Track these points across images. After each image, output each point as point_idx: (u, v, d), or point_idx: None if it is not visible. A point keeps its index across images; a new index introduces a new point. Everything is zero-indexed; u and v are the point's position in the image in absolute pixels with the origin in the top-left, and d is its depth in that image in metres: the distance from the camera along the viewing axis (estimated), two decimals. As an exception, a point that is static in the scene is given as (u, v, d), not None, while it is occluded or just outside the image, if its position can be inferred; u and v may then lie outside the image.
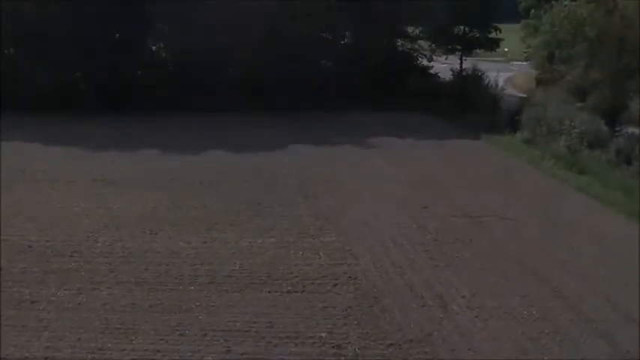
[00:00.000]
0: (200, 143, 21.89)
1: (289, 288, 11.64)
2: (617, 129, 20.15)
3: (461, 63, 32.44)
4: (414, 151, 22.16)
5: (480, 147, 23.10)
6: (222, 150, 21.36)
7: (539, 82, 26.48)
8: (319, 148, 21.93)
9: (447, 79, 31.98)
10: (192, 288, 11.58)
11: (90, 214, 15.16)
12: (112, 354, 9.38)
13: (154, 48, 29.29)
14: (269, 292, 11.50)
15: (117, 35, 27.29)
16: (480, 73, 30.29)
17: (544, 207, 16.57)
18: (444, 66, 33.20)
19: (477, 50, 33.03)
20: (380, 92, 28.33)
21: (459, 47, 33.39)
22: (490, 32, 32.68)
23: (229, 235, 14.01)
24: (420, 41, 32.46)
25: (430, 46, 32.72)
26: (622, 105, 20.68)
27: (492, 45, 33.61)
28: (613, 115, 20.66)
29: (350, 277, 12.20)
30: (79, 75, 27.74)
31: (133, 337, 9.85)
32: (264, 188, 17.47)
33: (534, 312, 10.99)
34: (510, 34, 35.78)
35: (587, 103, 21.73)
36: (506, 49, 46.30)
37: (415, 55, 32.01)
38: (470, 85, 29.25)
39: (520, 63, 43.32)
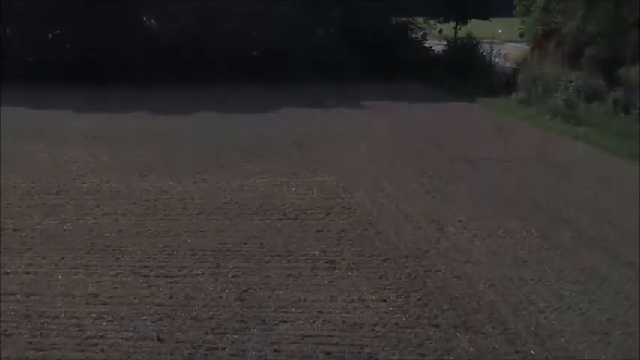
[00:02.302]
0: (189, 107, 21.57)
1: (281, 217, 11.30)
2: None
3: (455, 32, 32.08)
4: (408, 111, 21.93)
5: (475, 108, 22.87)
6: (212, 111, 21.06)
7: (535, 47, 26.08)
8: (311, 110, 21.67)
9: (442, 51, 31.61)
10: (180, 217, 11.22)
11: (78, 162, 14.83)
12: (97, 269, 9.01)
13: (144, 19, 28.77)
14: (260, 220, 11.15)
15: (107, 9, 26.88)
16: (474, 42, 29.97)
17: (541, 152, 16.25)
18: (439, 47, 32.83)
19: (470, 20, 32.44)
20: (373, 64, 28.04)
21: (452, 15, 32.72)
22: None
23: (220, 177, 13.68)
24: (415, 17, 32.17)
25: (425, 20, 32.33)
26: (619, 59, 20.30)
27: (485, 10, 32.80)
28: (610, 70, 20.30)
29: (344, 207, 11.86)
30: (69, 48, 27.28)
31: (120, 256, 9.49)
32: (255, 140, 17.18)
33: (533, 231, 10.68)
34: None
35: (584, 58, 21.36)
36: (500, 31, 46.29)
37: (411, 27, 31.65)
38: (464, 53, 28.92)
39: (514, 45, 43.20)
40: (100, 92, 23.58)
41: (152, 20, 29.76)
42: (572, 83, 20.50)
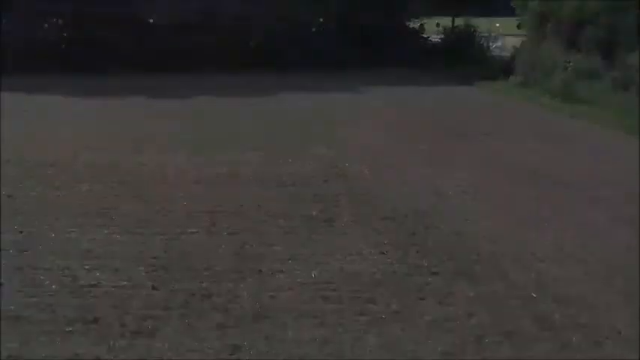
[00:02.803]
0: (187, 92, 21.49)
1: (277, 184, 11.17)
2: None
3: (453, 21, 32.01)
4: (405, 94, 21.91)
5: (473, 91, 22.87)
6: (210, 96, 20.97)
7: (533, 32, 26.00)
8: (309, 94, 21.59)
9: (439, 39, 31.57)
10: (176, 186, 11.09)
11: (74, 138, 14.68)
12: (91, 229, 8.88)
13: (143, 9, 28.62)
14: (257, 187, 11.02)
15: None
16: (472, 29, 29.92)
17: (539, 128, 16.22)
18: (437, 40, 32.76)
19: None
20: (371, 53, 28.02)
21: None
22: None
23: (214, 152, 13.51)
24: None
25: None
26: (619, 38, 20.24)
27: (485, 7, 32.96)
28: (609, 49, 20.22)
29: (342, 175, 11.75)
30: (66, 36, 27.17)
31: (114, 218, 9.36)
32: (250, 119, 17.10)
33: (532, 194, 10.58)
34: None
35: (583, 38, 21.28)
36: (497, 24, 46.32)
37: (407, 17, 31.59)
38: (462, 41, 28.88)
39: (512, 38, 43.25)
40: (98, 80, 23.53)
41: (151, 10, 29.52)
42: (571, 64, 20.43)
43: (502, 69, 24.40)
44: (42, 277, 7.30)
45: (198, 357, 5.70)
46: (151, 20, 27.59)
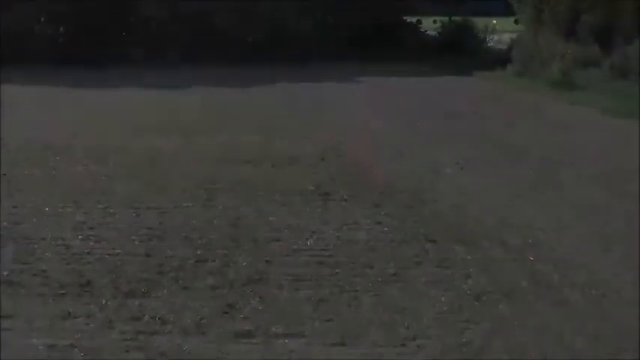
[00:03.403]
0: (182, 82, 21.36)
1: (272, 164, 11.10)
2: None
3: (450, 18, 31.96)
4: (402, 84, 21.85)
5: (470, 80, 22.80)
6: (206, 86, 20.85)
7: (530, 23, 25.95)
8: (306, 84, 21.46)
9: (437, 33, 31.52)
10: (173, 165, 11.03)
11: (70, 124, 14.59)
12: (85, 204, 8.81)
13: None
14: (254, 166, 10.96)
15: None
16: (469, 23, 29.88)
17: (537, 112, 16.19)
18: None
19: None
20: (369, 47, 27.95)
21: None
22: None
23: (211, 135, 13.41)
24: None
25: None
26: (616, 26, 20.19)
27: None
28: (606, 36, 20.17)
29: (339, 155, 11.70)
30: (63, 30, 27.12)
31: (109, 194, 9.29)
32: (247, 105, 17.06)
33: (532, 172, 10.53)
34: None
35: (580, 25, 21.24)
36: (494, 21, 46.40)
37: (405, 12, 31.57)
38: (459, 33, 28.84)
39: (509, 35, 43.28)
40: (97, 72, 23.40)
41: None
42: (569, 52, 20.38)
43: (500, 59, 24.29)
44: (35, 247, 7.23)
45: (192, 315, 5.62)
46: (150, 9, 27.60)
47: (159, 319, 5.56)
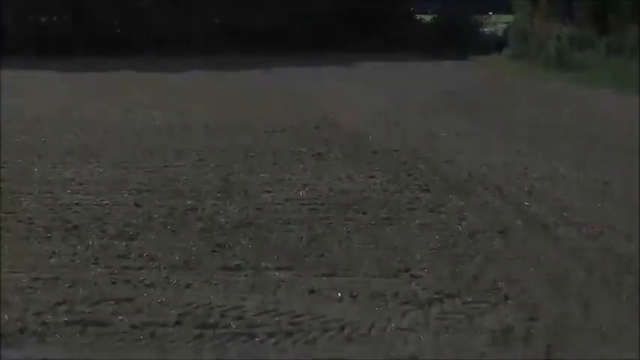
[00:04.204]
0: (178, 66, 21.22)
1: (268, 131, 10.98)
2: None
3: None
4: (399, 68, 21.64)
5: (466, 64, 22.74)
6: (202, 70, 20.75)
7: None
8: (301, 68, 21.34)
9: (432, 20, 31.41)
10: (165, 133, 10.92)
11: (65, 101, 14.47)
12: (75, 164, 8.69)
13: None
14: (247, 134, 10.82)
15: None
16: (464, 10, 29.74)
17: (535, 90, 16.10)
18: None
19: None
20: (361, 35, 27.87)
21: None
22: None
23: (204, 109, 13.31)
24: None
25: None
26: (612, 9, 20.12)
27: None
28: (603, 19, 20.10)
29: (333, 125, 11.59)
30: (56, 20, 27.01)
31: (99, 156, 9.16)
32: (243, 87, 16.94)
33: (528, 137, 10.36)
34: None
35: (575, 7, 21.16)
36: (490, 13, 46.37)
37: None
38: (454, 19, 28.71)
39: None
40: (95, 60, 23.26)
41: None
42: (565, 32, 20.29)
43: (496, 44, 24.20)
44: (22, 199, 7.09)
45: (181, 253, 5.49)
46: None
47: (146, 256, 5.43)
